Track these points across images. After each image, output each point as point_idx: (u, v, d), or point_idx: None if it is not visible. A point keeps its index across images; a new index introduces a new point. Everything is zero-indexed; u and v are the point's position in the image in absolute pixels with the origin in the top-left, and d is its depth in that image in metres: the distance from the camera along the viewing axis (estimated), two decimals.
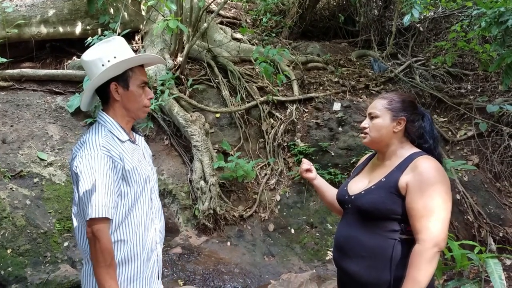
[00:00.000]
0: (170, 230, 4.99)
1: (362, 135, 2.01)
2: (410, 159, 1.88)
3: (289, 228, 5.20)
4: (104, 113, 1.91)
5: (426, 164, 1.82)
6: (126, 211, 1.84)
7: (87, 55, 1.88)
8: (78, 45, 6.56)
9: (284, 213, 5.34)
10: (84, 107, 2.00)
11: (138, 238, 1.88)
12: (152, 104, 5.25)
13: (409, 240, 1.82)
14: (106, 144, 1.79)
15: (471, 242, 3.16)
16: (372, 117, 1.97)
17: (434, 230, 1.73)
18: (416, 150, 1.94)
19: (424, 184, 1.77)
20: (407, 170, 1.84)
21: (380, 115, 1.94)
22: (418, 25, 8.26)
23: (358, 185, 2.01)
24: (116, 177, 1.78)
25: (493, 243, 4.99)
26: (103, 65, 1.83)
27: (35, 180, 4.62)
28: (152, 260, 1.98)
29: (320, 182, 2.35)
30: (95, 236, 1.72)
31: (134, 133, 2.04)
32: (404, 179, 1.83)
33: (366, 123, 2.00)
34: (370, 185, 1.93)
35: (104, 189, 1.73)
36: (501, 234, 5.13)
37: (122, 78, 1.87)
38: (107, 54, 1.84)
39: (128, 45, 1.96)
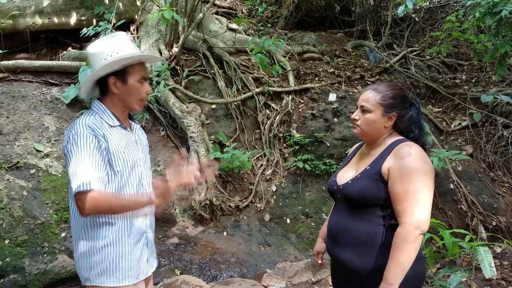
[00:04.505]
0: (167, 220, 5.02)
1: (354, 126, 2.05)
2: (392, 146, 1.92)
3: (284, 218, 5.25)
4: (99, 102, 1.99)
5: (407, 150, 1.85)
6: None
7: (91, 48, 1.96)
8: (73, 36, 6.53)
9: (280, 203, 5.38)
10: (84, 95, 2.06)
11: (125, 221, 1.94)
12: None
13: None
14: (91, 124, 1.86)
15: (462, 231, 3.21)
16: (363, 111, 1.99)
17: (415, 213, 1.75)
18: (400, 137, 1.97)
19: (404, 169, 1.80)
20: (389, 157, 1.88)
21: (372, 110, 1.96)
22: (413, 15, 8.26)
23: (346, 175, 2.05)
24: (101, 156, 1.84)
25: (483, 231, 5.06)
26: (104, 59, 1.90)
27: (32, 171, 4.63)
28: (141, 243, 2.03)
29: None
30: (86, 204, 1.75)
31: (131, 122, 2.11)
32: (386, 165, 1.87)
33: (357, 115, 2.02)
34: (357, 174, 1.98)
35: (89, 165, 1.78)
36: (494, 223, 5.20)
37: (121, 73, 1.94)
38: (109, 49, 1.92)
39: (131, 41, 2.03)
